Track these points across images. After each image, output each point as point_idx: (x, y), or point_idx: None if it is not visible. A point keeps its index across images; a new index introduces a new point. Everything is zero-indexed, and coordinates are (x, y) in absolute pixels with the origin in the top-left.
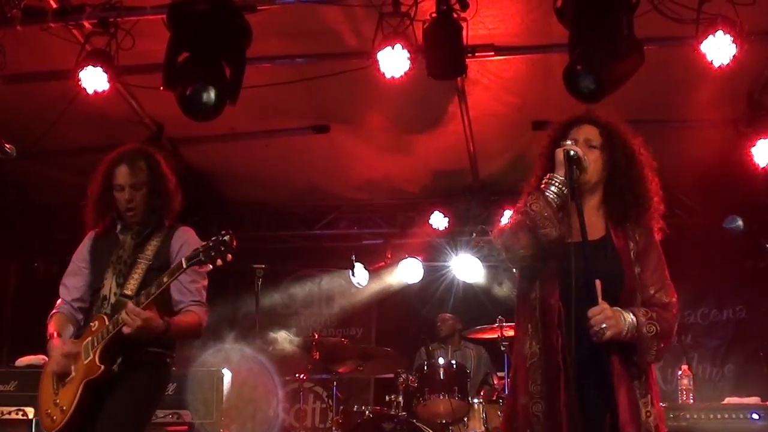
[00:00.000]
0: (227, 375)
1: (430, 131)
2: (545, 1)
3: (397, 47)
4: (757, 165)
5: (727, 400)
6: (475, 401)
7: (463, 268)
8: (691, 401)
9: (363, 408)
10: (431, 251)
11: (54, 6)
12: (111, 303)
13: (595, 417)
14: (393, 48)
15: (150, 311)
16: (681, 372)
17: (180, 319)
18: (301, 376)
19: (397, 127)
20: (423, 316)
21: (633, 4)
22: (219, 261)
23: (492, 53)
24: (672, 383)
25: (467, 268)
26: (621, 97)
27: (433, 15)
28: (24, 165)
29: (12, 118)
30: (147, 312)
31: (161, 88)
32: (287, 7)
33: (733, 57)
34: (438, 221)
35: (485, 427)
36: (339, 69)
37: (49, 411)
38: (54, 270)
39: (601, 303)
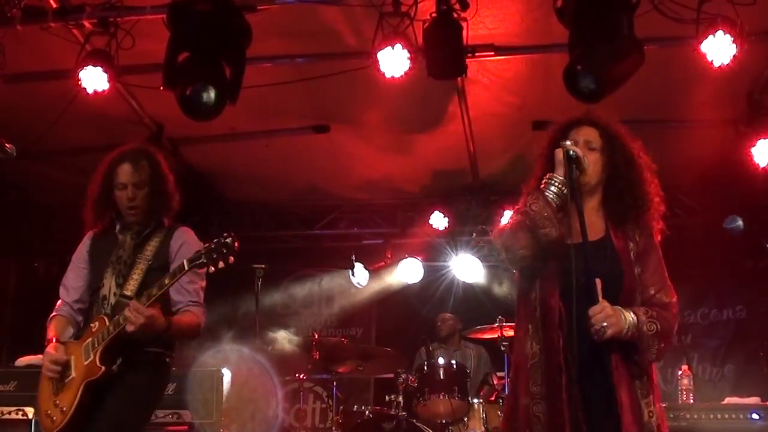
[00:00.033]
0: (227, 375)
1: (430, 131)
2: (545, 1)
3: (397, 47)
4: (757, 165)
5: (727, 400)
6: (475, 401)
7: (463, 268)
8: (691, 401)
9: (363, 408)
10: (431, 251)
11: (54, 6)
12: (111, 304)
13: (598, 417)
14: (393, 48)
15: (153, 308)
16: (681, 372)
17: (180, 319)
18: (301, 376)
19: (397, 127)
20: (423, 316)
21: (633, 4)
22: (221, 263)
23: (492, 53)
24: (672, 383)
25: (467, 268)
26: (621, 97)
27: (433, 15)
28: (24, 165)
29: (12, 118)
30: (150, 309)
31: (161, 88)
32: (287, 7)
33: (733, 57)
34: (438, 221)
35: (485, 427)
36: (339, 69)
37: (49, 412)
38: (54, 270)
39: (602, 302)
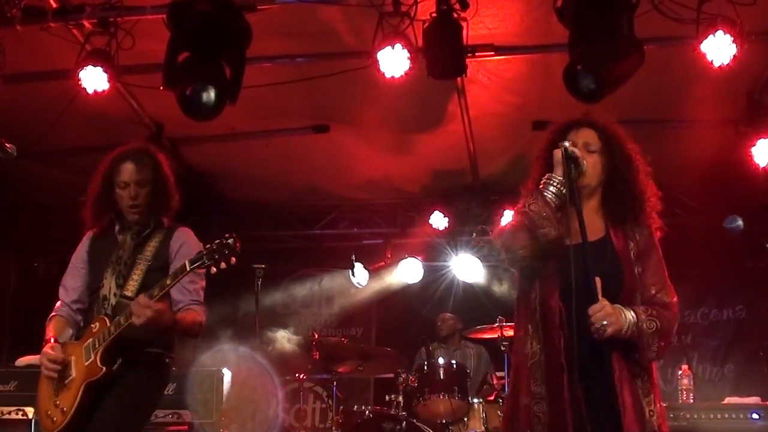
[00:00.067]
0: (227, 375)
1: (430, 131)
2: (545, 1)
3: (397, 47)
4: (757, 165)
5: (727, 400)
6: (475, 401)
7: (463, 268)
8: (691, 401)
9: (363, 408)
10: (431, 251)
11: (54, 6)
12: (112, 304)
13: (600, 417)
14: (393, 48)
15: (161, 303)
16: (681, 372)
17: (183, 317)
18: (301, 376)
19: (397, 127)
20: (423, 316)
21: (633, 3)
22: (223, 264)
23: (492, 53)
24: (672, 383)
25: (467, 268)
26: (621, 97)
27: (433, 15)
28: (24, 165)
29: (12, 118)
30: (159, 303)
31: (161, 88)
32: (287, 7)
33: (733, 57)
34: (438, 221)
35: (485, 427)
36: (339, 69)
37: (50, 412)
38: (54, 270)
39: (602, 300)
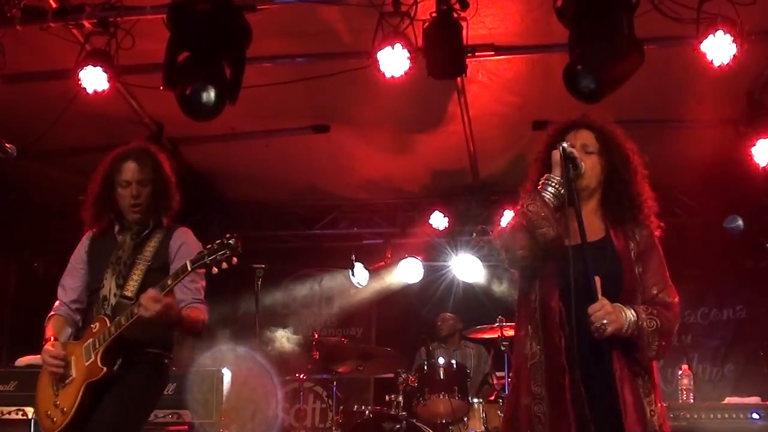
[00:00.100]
0: (227, 375)
1: (430, 131)
2: (545, 1)
3: (397, 47)
4: (757, 165)
5: (727, 400)
6: (475, 401)
7: (463, 268)
8: (691, 401)
9: (363, 408)
10: (431, 251)
11: (54, 6)
12: (112, 304)
13: (601, 417)
14: (393, 48)
15: (170, 297)
16: (681, 372)
17: (188, 314)
18: (301, 376)
19: (397, 127)
20: (423, 316)
21: (633, 3)
22: (224, 264)
23: (492, 53)
24: (672, 383)
25: (467, 268)
26: (621, 97)
27: (433, 14)
28: (24, 165)
29: (12, 118)
30: (167, 298)
31: (161, 87)
32: (287, 7)
33: (734, 57)
34: (438, 221)
35: (485, 427)
36: (339, 69)
37: (49, 412)
38: (54, 270)
39: (601, 299)
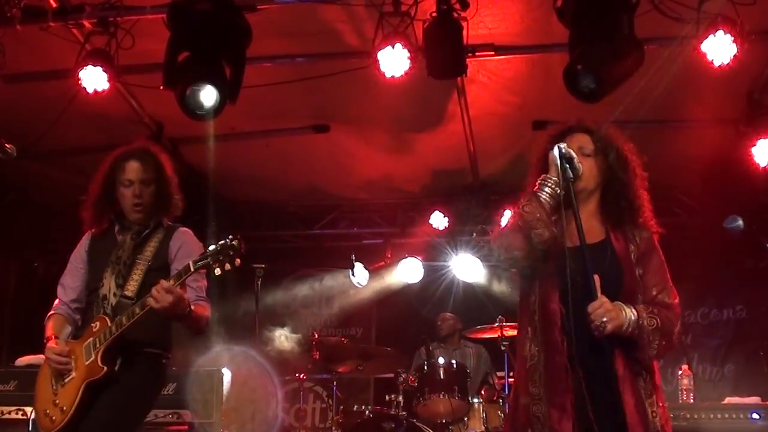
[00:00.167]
0: (227, 375)
1: (430, 131)
2: (545, 1)
3: (398, 47)
4: (757, 165)
5: (727, 400)
6: (475, 401)
7: (463, 268)
8: (691, 401)
9: (363, 408)
10: (431, 251)
11: (54, 5)
12: (112, 304)
13: (602, 417)
14: (393, 47)
15: (182, 289)
16: (681, 372)
17: (194, 309)
18: (301, 375)
19: (397, 127)
20: (423, 316)
21: (633, 3)
22: (227, 265)
23: (492, 53)
24: (672, 383)
25: (467, 268)
26: (621, 97)
27: (434, 14)
28: (24, 165)
29: (12, 118)
30: (179, 289)
31: (161, 87)
32: (287, 7)
33: (734, 57)
34: (438, 221)
35: (485, 427)
36: (339, 68)
37: (48, 411)
38: (54, 270)
39: (600, 297)
